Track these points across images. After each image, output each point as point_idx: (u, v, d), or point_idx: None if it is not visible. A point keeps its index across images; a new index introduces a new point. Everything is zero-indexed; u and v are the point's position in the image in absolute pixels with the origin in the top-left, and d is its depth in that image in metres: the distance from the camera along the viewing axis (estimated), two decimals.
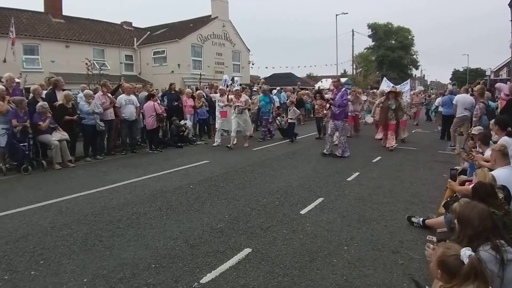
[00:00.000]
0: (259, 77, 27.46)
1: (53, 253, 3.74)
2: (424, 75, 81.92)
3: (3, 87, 8.21)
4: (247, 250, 3.72)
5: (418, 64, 56.40)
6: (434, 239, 3.74)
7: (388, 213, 4.86)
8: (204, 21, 25.98)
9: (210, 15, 26.17)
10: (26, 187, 6.48)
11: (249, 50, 28.90)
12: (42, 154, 8.30)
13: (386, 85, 15.16)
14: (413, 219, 4.43)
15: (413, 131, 14.67)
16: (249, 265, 3.43)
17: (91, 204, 5.40)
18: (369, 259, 3.53)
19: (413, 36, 53.18)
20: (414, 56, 54.51)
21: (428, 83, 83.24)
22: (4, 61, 16.86)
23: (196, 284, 3.09)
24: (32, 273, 3.33)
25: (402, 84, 15.47)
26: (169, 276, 3.22)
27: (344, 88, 9.21)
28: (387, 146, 10.04)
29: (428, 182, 6.55)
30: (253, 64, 29.15)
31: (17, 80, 9.03)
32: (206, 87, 14.08)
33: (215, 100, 11.85)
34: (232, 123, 10.64)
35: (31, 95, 8.66)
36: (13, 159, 7.79)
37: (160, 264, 3.45)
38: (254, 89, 16.32)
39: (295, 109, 12.70)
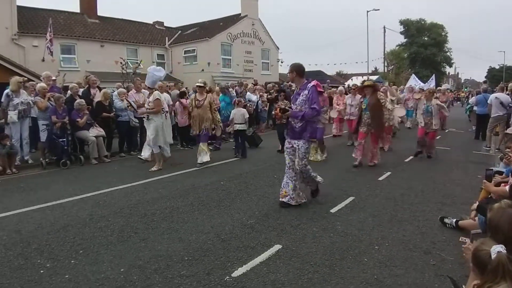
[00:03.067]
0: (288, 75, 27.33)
1: (91, 243, 3.91)
2: (458, 73, 78.84)
3: (44, 85, 8.68)
4: (277, 247, 3.75)
5: (452, 61, 54.30)
6: (468, 240, 3.64)
7: (420, 214, 4.77)
8: (233, 19, 26.13)
9: (240, 14, 26.30)
10: (65, 181, 6.81)
11: (278, 48, 28.85)
12: (79, 150, 8.66)
13: (414, 82, 14.58)
14: (446, 220, 4.33)
15: (446, 131, 14.23)
16: (279, 261, 3.46)
17: (126, 197, 5.62)
18: (400, 259, 3.49)
19: (447, 33, 51.18)
20: (448, 53, 52.48)
21: (462, 81, 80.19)
22: (43, 60, 17.60)
23: (227, 277, 3.16)
24: (72, 261, 3.50)
25: (428, 82, 14.95)
26: (201, 269, 3.31)
27: (311, 83, 4.85)
28: (369, 163, 7.61)
29: (461, 183, 6.36)
30: (282, 62, 29.03)
31: (53, 77, 9.46)
32: (236, 86, 14.18)
33: (244, 99, 11.88)
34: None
35: (68, 92, 9.09)
36: (52, 154, 8.20)
37: (192, 257, 3.54)
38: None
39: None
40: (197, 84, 7.96)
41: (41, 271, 3.31)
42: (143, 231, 4.25)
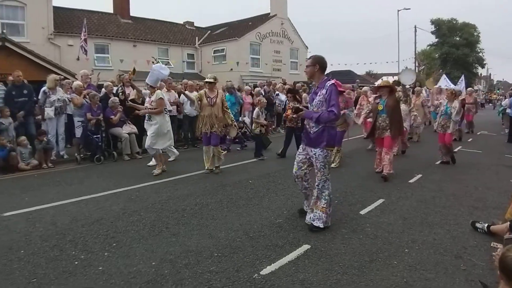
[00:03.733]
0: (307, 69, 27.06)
1: (124, 236, 4.03)
2: (490, 74, 75.49)
3: (80, 82, 9.04)
4: (306, 247, 3.75)
5: (484, 62, 52.03)
6: (500, 246, 3.52)
7: (451, 217, 4.64)
8: (262, 19, 26.20)
9: (269, 13, 26.32)
10: (99, 176, 7.05)
11: (307, 48, 28.67)
12: (113, 146, 8.92)
13: (444, 83, 14.03)
14: (477, 225, 4.20)
15: (478, 133, 13.75)
16: (308, 261, 3.46)
17: (157, 193, 5.76)
18: (431, 263, 3.41)
19: (479, 33, 49.13)
20: (480, 54, 50.42)
21: (495, 82, 76.86)
22: (78, 59, 18.23)
23: (256, 275, 3.18)
24: (105, 254, 3.59)
25: (458, 83, 14.46)
26: (230, 266, 3.35)
27: (331, 82, 4.13)
28: (382, 172, 6.70)
29: (493, 187, 6.14)
30: None
31: (90, 76, 9.82)
32: (264, 85, 14.21)
33: (273, 97, 11.88)
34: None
35: (103, 90, 9.41)
36: (87, 149, 8.49)
37: (222, 254, 3.59)
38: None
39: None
40: (207, 79, 7.17)
41: (76, 263, 3.41)
42: (173, 226, 4.35)
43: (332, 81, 4.14)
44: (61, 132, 8.50)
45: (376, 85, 8.27)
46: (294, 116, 4.49)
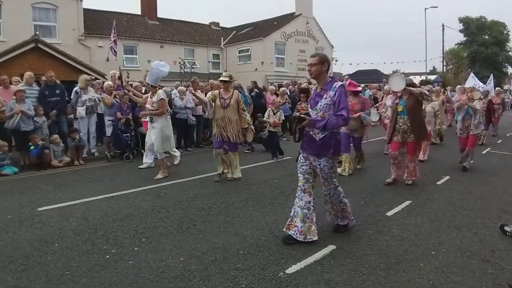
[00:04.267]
0: (342, 74, 26.85)
1: (153, 232, 4.15)
2: None
3: (111, 83, 9.34)
4: (332, 247, 3.75)
5: None
6: None
7: (479, 220, 4.53)
8: (287, 18, 26.13)
9: (294, 13, 26.21)
10: (128, 173, 7.27)
11: (333, 47, 28.37)
12: (141, 144, 9.16)
13: (473, 83, 13.43)
14: (506, 228, 4.09)
15: (508, 135, 13.23)
16: (333, 261, 3.47)
17: (184, 191, 5.89)
18: (458, 266, 3.36)
19: (509, 31, 47.18)
20: (510, 53, 48.39)
21: None
22: (107, 59, 18.72)
23: (282, 273, 3.22)
24: (135, 249, 3.72)
25: (487, 82, 13.72)
26: (256, 263, 3.41)
27: (339, 83, 3.78)
28: (406, 182, 6.26)
29: None
30: (336, 61, 28.50)
31: (117, 75, 10.07)
32: (290, 84, 14.19)
33: (297, 97, 11.79)
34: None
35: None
36: (116, 147, 8.77)
37: (248, 251, 3.65)
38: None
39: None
40: (221, 78, 6.48)
41: (107, 256, 3.54)
42: (200, 223, 4.45)
43: (340, 82, 3.79)
44: (92, 131, 8.83)
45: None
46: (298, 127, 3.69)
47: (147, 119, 6.96)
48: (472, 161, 7.47)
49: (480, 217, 4.66)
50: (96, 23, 20.91)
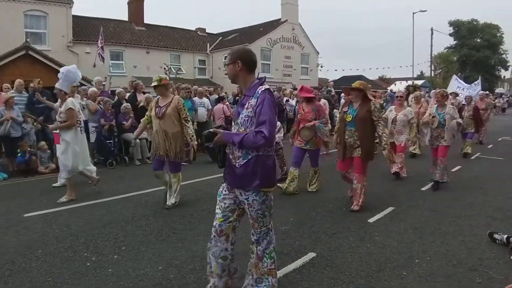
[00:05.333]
0: (328, 79, 27.06)
1: (133, 240, 4.11)
2: None
3: (95, 89, 9.24)
4: (312, 254, 3.71)
5: (508, 64, 50.85)
6: None
7: (467, 228, 4.49)
8: (273, 25, 26.33)
9: (280, 19, 26.44)
10: (112, 180, 7.16)
11: (318, 53, 28.64)
12: (124, 151, 9.07)
13: (456, 85, 12.89)
14: (496, 236, 4.02)
15: (499, 139, 13.30)
16: (313, 269, 3.42)
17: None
18: (443, 275, 3.31)
19: (503, 33, 47.95)
20: (504, 56, 49.20)
21: None
22: (94, 66, 18.71)
23: None
24: (115, 257, 3.70)
25: (472, 85, 13.38)
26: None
27: (263, 87, 2.69)
28: (352, 208, 5.17)
29: None
30: (321, 67, 28.84)
31: (103, 82, 10.07)
32: (275, 90, 14.23)
33: (283, 103, 11.84)
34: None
35: (116, 97, 9.58)
36: (100, 154, 8.66)
37: None
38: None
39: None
40: (153, 83, 5.26)
41: (88, 264, 3.55)
42: (180, 231, 4.39)
43: (266, 86, 2.71)
44: None
45: (345, 87, 6.15)
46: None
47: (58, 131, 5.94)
48: (446, 180, 6.50)
49: (467, 224, 4.62)
50: (84, 30, 20.91)
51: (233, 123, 2.87)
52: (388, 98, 10.39)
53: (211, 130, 2.81)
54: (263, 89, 2.68)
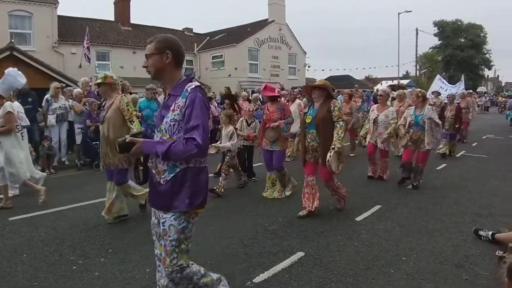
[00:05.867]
0: (315, 79, 27.23)
1: (120, 243, 4.06)
2: (498, 75, 75.31)
3: (81, 90, 9.11)
4: (300, 254, 3.72)
5: (492, 63, 51.90)
6: (505, 255, 3.46)
7: (453, 225, 4.56)
8: (261, 25, 26.38)
9: (267, 19, 26.50)
10: (98, 182, 7.00)
11: (306, 53, 28.80)
12: None
13: (439, 85, 12.80)
14: (481, 233, 4.10)
15: (484, 137, 13.48)
16: (301, 268, 3.43)
17: None
18: (430, 272, 3.35)
19: (486, 33, 48.86)
20: (487, 55, 50.13)
21: (503, 84, 76.62)
22: (80, 66, 18.49)
23: (249, 283, 3.16)
24: (101, 260, 3.65)
25: (456, 85, 13.41)
26: (223, 273, 3.31)
27: (193, 84, 2.22)
28: (300, 213, 4.85)
29: (499, 193, 6.03)
30: (309, 67, 29.04)
31: (90, 83, 9.93)
32: (256, 92, 14.24)
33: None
34: None
35: (102, 98, 9.46)
36: (86, 156, 8.54)
37: (215, 261, 3.58)
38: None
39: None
40: (97, 80, 4.67)
41: (74, 267, 3.50)
42: None
43: (196, 84, 2.24)
44: (63, 139, 8.62)
45: (306, 86, 5.43)
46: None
47: None
48: (417, 183, 6.23)
49: (453, 221, 4.69)
50: (70, 30, 20.63)
51: (155, 130, 2.32)
52: (364, 98, 10.32)
53: (127, 138, 2.23)
54: (193, 86, 2.20)
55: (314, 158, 4.76)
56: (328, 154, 4.44)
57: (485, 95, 38.37)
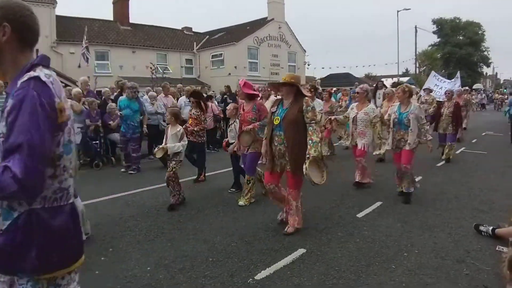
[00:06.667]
0: (315, 78, 27.23)
1: (120, 241, 4.04)
2: (496, 73, 75.36)
3: (80, 89, 9.08)
4: (302, 250, 3.71)
5: (490, 61, 51.90)
6: (505, 249, 3.46)
7: (453, 221, 4.56)
8: (260, 23, 26.32)
9: (267, 17, 26.45)
10: (98, 181, 7.04)
11: (305, 51, 28.76)
12: (111, 152, 8.93)
13: (433, 83, 12.67)
14: (481, 228, 4.10)
15: (483, 134, 13.54)
16: (303, 265, 3.42)
17: (154, 198, 5.73)
18: (431, 267, 3.35)
19: (484, 31, 48.92)
20: (485, 53, 50.21)
21: (501, 81, 76.68)
22: (79, 66, 18.45)
23: (251, 280, 3.16)
24: (102, 258, 3.63)
25: (452, 81, 13.28)
26: (225, 270, 3.33)
27: (31, 75, 1.37)
28: (285, 230, 4.19)
29: (499, 189, 6.04)
30: (308, 65, 29.02)
31: (89, 83, 9.90)
32: (262, 89, 14.19)
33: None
34: None
35: (102, 97, 9.45)
36: (86, 155, 8.50)
37: (217, 258, 3.57)
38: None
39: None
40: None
41: None
42: (169, 231, 4.33)
43: (36, 74, 1.41)
44: None
45: (273, 82, 5.11)
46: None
47: None
48: (415, 188, 5.45)
49: (454, 217, 4.69)
50: (68, 30, 20.55)
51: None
52: (352, 95, 10.02)
53: None
54: (25, 78, 1.38)
55: (280, 166, 4.15)
56: (304, 166, 3.77)
57: (482, 92, 38.33)
